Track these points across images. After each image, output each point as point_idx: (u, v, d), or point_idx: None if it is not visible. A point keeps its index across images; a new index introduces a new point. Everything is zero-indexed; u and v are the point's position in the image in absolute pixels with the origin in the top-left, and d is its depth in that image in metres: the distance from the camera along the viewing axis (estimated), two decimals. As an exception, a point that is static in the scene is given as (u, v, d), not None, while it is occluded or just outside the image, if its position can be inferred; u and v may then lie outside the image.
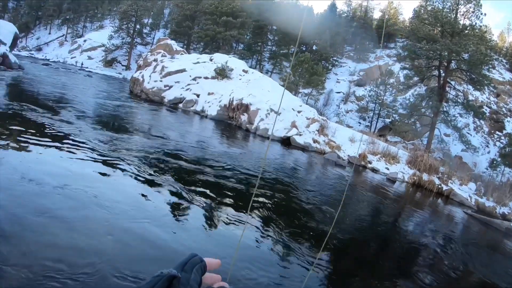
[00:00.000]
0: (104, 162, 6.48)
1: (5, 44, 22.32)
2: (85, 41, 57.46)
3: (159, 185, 6.08)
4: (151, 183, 6.04)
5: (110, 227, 4.13)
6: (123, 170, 6.33)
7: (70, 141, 7.21)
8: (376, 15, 67.58)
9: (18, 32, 28.67)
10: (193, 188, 6.34)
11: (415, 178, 16.08)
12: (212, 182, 7.08)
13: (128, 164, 6.69)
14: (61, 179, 5.08)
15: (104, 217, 4.34)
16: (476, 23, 29.61)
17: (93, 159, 6.47)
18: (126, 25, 54.16)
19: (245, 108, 19.22)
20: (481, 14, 29.44)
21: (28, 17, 74.10)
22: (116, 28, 53.97)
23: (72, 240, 3.63)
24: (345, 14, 64.76)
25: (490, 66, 28.99)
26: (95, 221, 4.19)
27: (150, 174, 6.46)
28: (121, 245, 3.84)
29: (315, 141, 17.55)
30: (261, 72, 32.92)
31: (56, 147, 6.62)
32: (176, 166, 7.54)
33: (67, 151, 6.55)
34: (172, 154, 8.34)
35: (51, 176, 5.08)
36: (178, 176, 6.84)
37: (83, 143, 7.30)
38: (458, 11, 29.99)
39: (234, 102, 19.86)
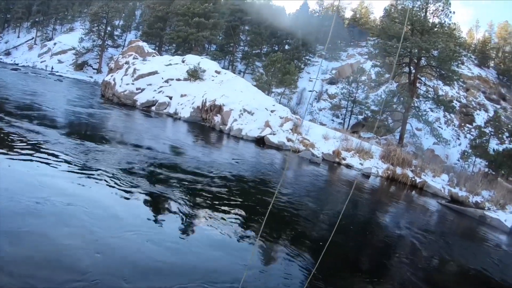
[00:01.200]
0: (79, 174, 6.14)
1: None
2: (55, 44, 55.94)
3: (140, 193, 5.88)
4: (129, 193, 5.81)
5: (97, 244, 3.90)
6: (99, 181, 6.00)
7: (40, 152, 6.80)
8: (348, 14, 68.69)
9: (-15, 36, 27.69)
10: (181, 198, 6.12)
11: (389, 172, 16.38)
12: (190, 187, 6.95)
13: (104, 174, 6.34)
14: (35, 193, 4.77)
15: (89, 233, 4.08)
16: (445, 21, 30.48)
17: (67, 171, 6.12)
18: (97, 27, 53.01)
19: (218, 109, 19.12)
20: (450, 12, 30.32)
21: (-5, 20, 71.82)
22: (87, 31, 52.75)
23: (54, 258, 3.44)
24: (317, 14, 65.37)
25: (459, 62, 29.94)
26: (80, 238, 3.93)
27: (129, 184, 6.18)
28: (110, 262, 3.67)
29: (289, 139, 17.63)
30: (234, 73, 32.87)
31: (26, 159, 6.22)
32: (152, 173, 7.29)
33: (38, 162, 6.20)
34: (148, 162, 8.07)
35: (24, 191, 4.76)
36: (155, 183, 6.60)
37: (54, 153, 6.91)
38: (428, 9, 30.76)
39: (207, 104, 19.73)
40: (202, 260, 4.15)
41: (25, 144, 7.17)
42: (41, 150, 6.92)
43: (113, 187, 5.83)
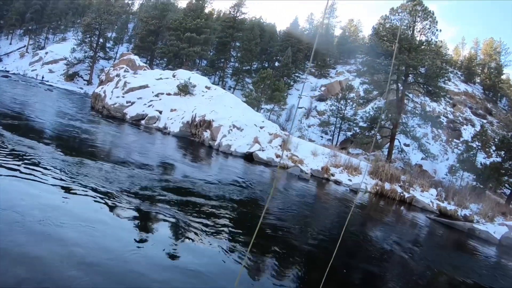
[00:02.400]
0: (64, 189, 5.97)
1: None
2: (46, 53, 55.94)
3: (128, 210, 5.81)
4: (118, 209, 5.74)
5: (87, 262, 3.86)
6: (84, 197, 5.89)
7: (28, 165, 6.62)
8: (337, 32, 69.69)
9: (-23, 42, 27.55)
10: (171, 215, 6.07)
11: (378, 187, 16.59)
12: (180, 204, 6.88)
13: (91, 190, 6.21)
14: (22, 210, 4.62)
15: (86, 253, 4.02)
16: (432, 39, 31.12)
17: (51, 185, 5.97)
18: (89, 38, 53.23)
19: (207, 124, 19.21)
20: (437, 30, 30.98)
21: (-11, 26, 71.45)
22: (79, 41, 52.89)
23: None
24: (307, 32, 66.26)
25: (446, 78, 30.49)
26: (77, 260, 3.84)
27: (117, 200, 6.09)
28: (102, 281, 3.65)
29: (278, 156, 17.74)
30: (224, 89, 33.11)
31: (12, 175, 5.95)
32: (141, 189, 7.16)
33: (23, 174, 6.05)
34: (137, 177, 7.98)
35: (10, 206, 4.60)
36: (144, 199, 6.53)
37: (41, 167, 6.74)
38: (415, 28, 31.40)
39: (197, 119, 19.81)
40: (193, 275, 4.21)
41: (11, 155, 6.98)
42: (28, 163, 6.71)
43: (102, 203, 5.76)
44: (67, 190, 5.96)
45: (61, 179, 6.38)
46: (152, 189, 7.27)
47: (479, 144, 30.69)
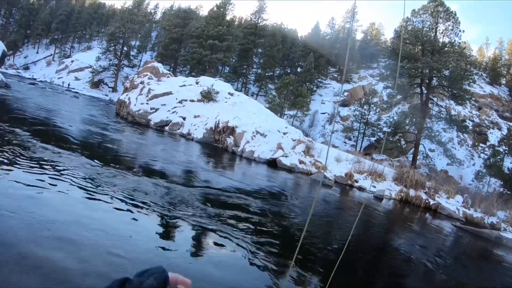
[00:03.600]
0: (90, 196, 5.92)
1: None
2: (72, 61, 57.74)
3: (165, 218, 5.79)
4: (148, 215, 5.70)
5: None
6: (115, 204, 5.81)
7: (57, 174, 6.60)
8: (359, 36, 69.23)
9: (6, 50, 28.61)
10: (205, 223, 5.99)
11: (402, 194, 16.29)
12: (213, 212, 6.76)
13: (123, 198, 6.16)
14: (58, 223, 4.53)
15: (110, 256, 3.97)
16: (455, 40, 30.58)
17: (77, 191, 5.92)
18: (113, 47, 54.56)
19: (231, 130, 19.37)
20: (460, 31, 30.43)
21: (16, 35, 74.77)
22: (104, 50, 54.37)
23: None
24: (329, 36, 66.05)
25: (471, 80, 29.84)
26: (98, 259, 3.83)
27: (149, 208, 6.02)
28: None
29: (301, 162, 17.69)
30: (247, 95, 33.37)
31: (39, 179, 5.92)
32: (171, 196, 7.10)
33: (50, 178, 6.06)
34: (167, 185, 8.01)
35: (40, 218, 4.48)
36: (175, 206, 6.49)
37: (69, 173, 6.77)
38: (438, 29, 30.93)
39: (220, 125, 20.01)
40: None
41: (39, 160, 6.98)
42: (58, 172, 6.71)
43: (134, 213, 5.66)
44: (98, 199, 5.90)
45: (91, 189, 6.33)
46: (186, 199, 7.23)
47: (507, 148, 29.79)
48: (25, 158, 6.96)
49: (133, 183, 7.33)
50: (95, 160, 8.46)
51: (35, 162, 6.82)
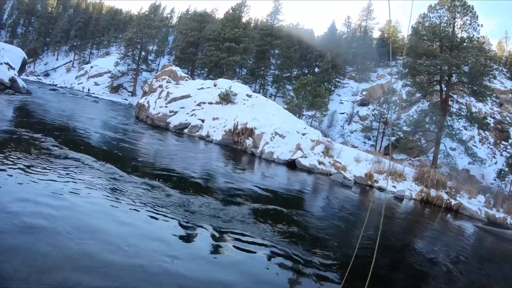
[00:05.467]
0: (112, 199, 6.00)
1: (13, 68, 22.91)
2: (91, 67, 58.98)
3: (199, 229, 5.71)
4: (189, 230, 5.62)
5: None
6: (143, 210, 5.84)
7: (80, 173, 6.81)
8: (375, 34, 68.51)
9: (26, 57, 29.56)
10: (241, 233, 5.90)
11: (423, 194, 16.07)
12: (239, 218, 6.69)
13: (152, 205, 6.13)
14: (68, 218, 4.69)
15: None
16: (473, 35, 29.89)
17: (97, 196, 5.95)
18: (131, 52, 55.39)
19: (249, 132, 19.51)
20: (478, 25, 29.74)
21: (36, 43, 76.84)
22: (122, 55, 55.29)
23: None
24: (345, 35, 65.63)
25: (491, 76, 29.11)
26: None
27: (187, 220, 5.95)
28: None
29: (320, 162, 17.67)
30: (265, 96, 33.38)
31: (66, 186, 5.97)
32: (198, 201, 7.10)
33: (73, 182, 6.17)
34: (193, 188, 8.05)
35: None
36: (216, 216, 6.44)
37: (94, 175, 6.93)
38: (455, 24, 30.37)
39: (239, 127, 20.16)
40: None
41: (63, 165, 7.08)
42: (79, 171, 6.91)
43: (167, 221, 5.62)
44: (129, 207, 5.93)
45: (109, 190, 6.43)
46: (208, 201, 7.32)
47: (530, 145, 29.07)
48: (53, 164, 7.12)
49: (167, 192, 7.25)
50: (122, 166, 8.62)
51: (64, 169, 6.96)
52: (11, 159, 6.60)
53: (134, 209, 5.76)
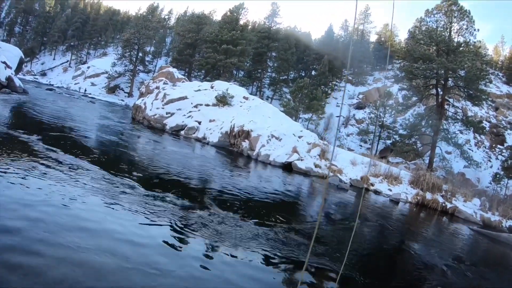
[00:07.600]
0: (105, 199, 5.97)
1: (10, 67, 22.73)
2: (88, 67, 58.95)
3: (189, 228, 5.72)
4: (180, 232, 5.62)
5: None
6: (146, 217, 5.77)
7: (73, 176, 6.72)
8: (373, 38, 68.78)
9: (23, 57, 29.43)
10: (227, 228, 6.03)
11: (419, 197, 16.11)
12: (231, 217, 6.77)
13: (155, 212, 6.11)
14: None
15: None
16: (470, 39, 30.21)
17: (94, 198, 5.93)
18: (129, 53, 55.46)
19: (246, 134, 19.51)
20: (474, 30, 30.06)
21: (33, 42, 76.65)
22: (119, 56, 55.40)
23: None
24: (342, 39, 65.83)
25: (487, 80, 29.39)
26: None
27: (179, 221, 6.02)
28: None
29: (316, 165, 17.68)
30: (262, 99, 33.50)
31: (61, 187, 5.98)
32: (192, 199, 7.15)
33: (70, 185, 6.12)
34: (192, 188, 8.27)
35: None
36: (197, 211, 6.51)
37: (88, 177, 6.88)
38: (452, 29, 30.61)
39: (235, 129, 20.15)
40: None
41: (58, 166, 7.06)
42: (75, 173, 6.83)
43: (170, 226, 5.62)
44: (107, 200, 5.99)
45: (104, 191, 6.47)
46: (202, 200, 7.41)
47: (525, 149, 29.26)
48: (45, 166, 7.05)
49: (155, 187, 7.45)
50: (121, 171, 8.63)
51: (57, 172, 6.92)
52: (3, 161, 6.50)
53: (128, 212, 5.71)
